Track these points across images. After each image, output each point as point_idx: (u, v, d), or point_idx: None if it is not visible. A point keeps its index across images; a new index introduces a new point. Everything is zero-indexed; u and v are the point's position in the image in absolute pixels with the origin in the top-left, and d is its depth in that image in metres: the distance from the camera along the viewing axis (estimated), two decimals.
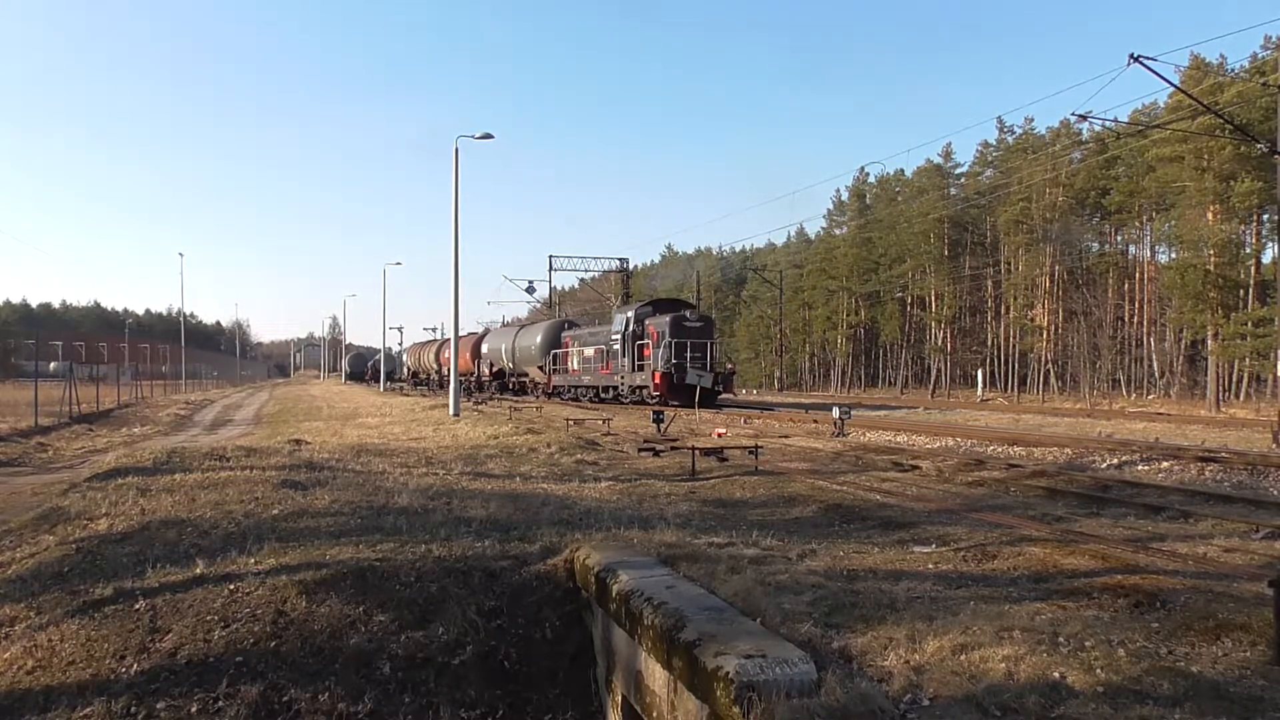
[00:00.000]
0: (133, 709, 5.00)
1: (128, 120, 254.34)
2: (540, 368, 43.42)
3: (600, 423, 21.65)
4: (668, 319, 31.34)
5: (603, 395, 35.40)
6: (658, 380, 30.42)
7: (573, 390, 38.56)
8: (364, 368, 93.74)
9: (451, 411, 24.39)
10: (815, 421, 23.57)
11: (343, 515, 8.09)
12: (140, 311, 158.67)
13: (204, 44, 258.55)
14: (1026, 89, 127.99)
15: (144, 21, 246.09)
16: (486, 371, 50.31)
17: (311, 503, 8.67)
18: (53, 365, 50.90)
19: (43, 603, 6.15)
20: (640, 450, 14.26)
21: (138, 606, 5.92)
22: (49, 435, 22.95)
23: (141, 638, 5.57)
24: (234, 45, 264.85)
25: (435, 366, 63.59)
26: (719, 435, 19.18)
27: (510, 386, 48.40)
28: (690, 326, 31.15)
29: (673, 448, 14.26)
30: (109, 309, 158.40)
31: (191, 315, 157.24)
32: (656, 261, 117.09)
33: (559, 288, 71.96)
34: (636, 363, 32.55)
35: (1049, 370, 56.47)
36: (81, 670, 5.32)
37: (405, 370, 73.58)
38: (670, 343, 30.50)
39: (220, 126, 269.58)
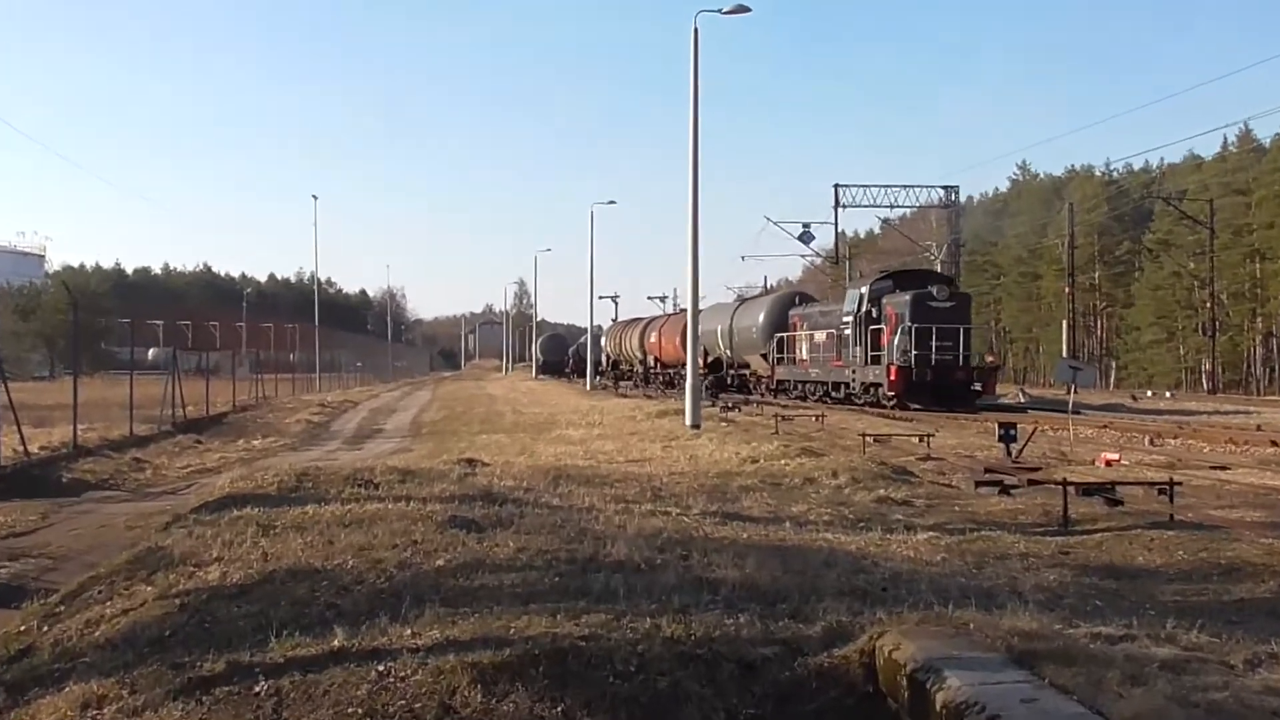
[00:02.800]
0: None
1: (250, 41, 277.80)
2: (763, 356, 47.90)
3: (916, 441, 21.49)
4: (908, 297, 35.02)
5: (832, 394, 39.74)
6: (893, 376, 34.32)
7: (799, 386, 43.40)
8: (563, 356, 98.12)
9: (688, 421, 24.99)
10: (1275, 444, 22.10)
11: (533, 570, 8.42)
12: (262, 277, 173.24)
13: None
14: None
15: None
16: (701, 361, 53.49)
17: (490, 551, 9.03)
18: (151, 352, 56.28)
19: (138, 678, 6.78)
20: (979, 485, 14.16)
21: (258, 690, 6.39)
22: (147, 448, 25.54)
23: None
24: None
25: (639, 355, 67.64)
26: (1107, 463, 18.41)
27: (729, 381, 52.83)
28: (937, 307, 34.77)
29: (1031, 481, 14.01)
30: (222, 275, 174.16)
31: (328, 282, 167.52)
32: (1003, 190, 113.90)
33: (849, 233, 71.41)
34: (870, 353, 36.52)
35: None
36: None
37: (604, 358, 76.59)
38: (910, 328, 34.27)
39: (357, 40, 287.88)
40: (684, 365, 56.85)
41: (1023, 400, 44.39)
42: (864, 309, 37.18)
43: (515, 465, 16.87)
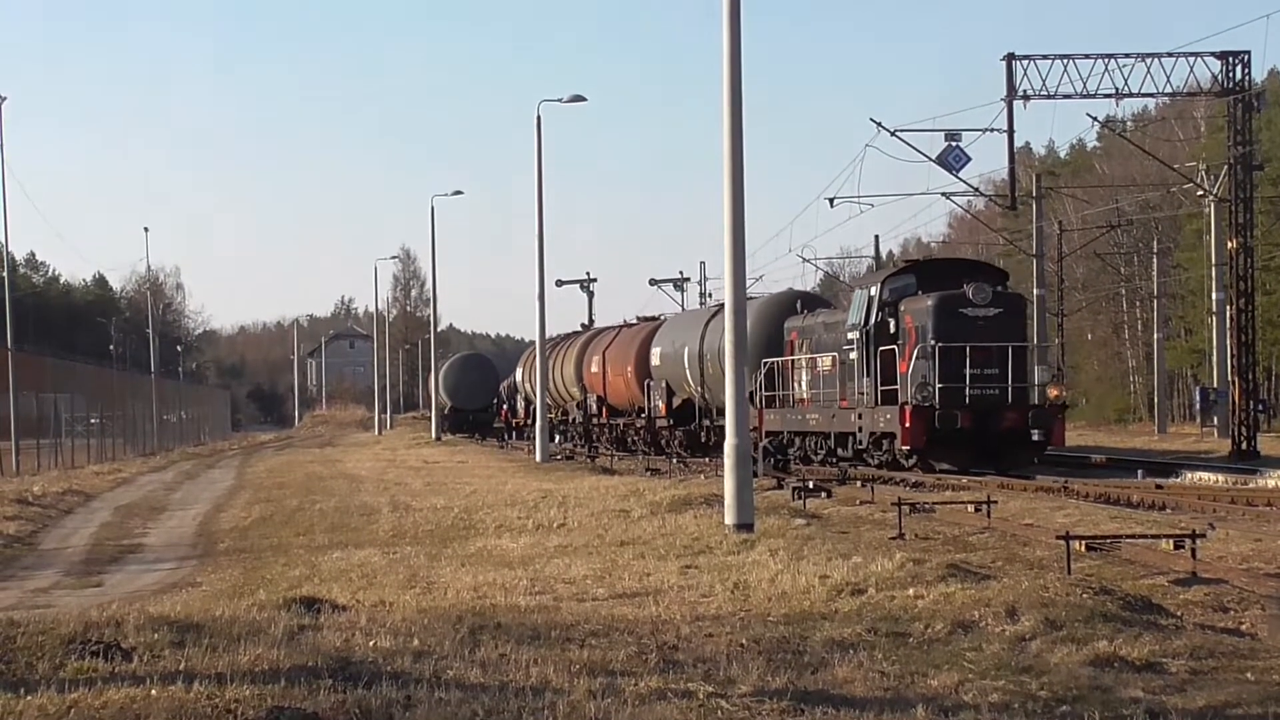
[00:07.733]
0: None
1: None
2: (750, 395, 36.92)
3: (1168, 549, 15.17)
4: (932, 300, 28.17)
5: (839, 452, 32.10)
6: (907, 421, 27.43)
7: (798, 439, 34.76)
8: (489, 396, 73.68)
9: (731, 518, 17.27)
10: None
11: None
12: None
13: None
14: None
15: None
16: (662, 404, 41.96)
17: None
18: None
19: None
20: None
21: None
22: None
23: None
24: None
25: (573, 393, 50.83)
26: None
27: (705, 438, 39.86)
28: (974, 316, 27.71)
29: None
30: None
31: (31, 263, 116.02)
32: None
33: (1036, 148, 56.63)
34: (881, 386, 29.34)
35: None
36: None
37: (519, 402, 59.08)
38: (934, 347, 27.39)
39: None
40: (631, 409, 45.20)
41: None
42: (875, 319, 29.67)
43: (398, 608, 12.01)
